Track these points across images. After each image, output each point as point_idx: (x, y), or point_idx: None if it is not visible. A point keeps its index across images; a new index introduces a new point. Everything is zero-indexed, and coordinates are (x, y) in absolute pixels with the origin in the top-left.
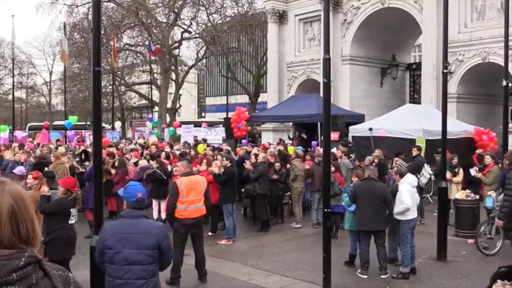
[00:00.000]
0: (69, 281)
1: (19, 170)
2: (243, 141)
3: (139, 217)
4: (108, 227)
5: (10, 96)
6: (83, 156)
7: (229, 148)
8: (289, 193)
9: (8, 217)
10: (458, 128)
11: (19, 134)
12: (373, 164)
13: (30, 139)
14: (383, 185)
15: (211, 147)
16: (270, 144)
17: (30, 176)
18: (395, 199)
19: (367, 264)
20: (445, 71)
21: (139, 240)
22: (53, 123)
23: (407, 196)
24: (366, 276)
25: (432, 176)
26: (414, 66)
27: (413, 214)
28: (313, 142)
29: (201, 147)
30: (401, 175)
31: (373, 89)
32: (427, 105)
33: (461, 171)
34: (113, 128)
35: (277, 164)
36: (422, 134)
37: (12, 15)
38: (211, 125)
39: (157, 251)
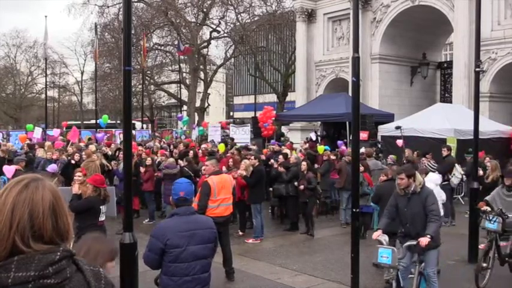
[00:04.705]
0: (100, 276)
1: (51, 167)
2: (272, 141)
3: (193, 213)
4: (167, 226)
5: (43, 96)
6: (117, 153)
7: (254, 147)
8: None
9: (49, 212)
10: (491, 127)
11: (56, 132)
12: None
13: (62, 137)
14: None
15: (238, 148)
16: (292, 144)
17: (79, 173)
18: None
19: None
20: (477, 69)
21: (204, 235)
22: (84, 122)
23: None
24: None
25: (464, 177)
26: (445, 65)
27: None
28: (339, 141)
29: (221, 147)
30: (425, 174)
31: (403, 88)
32: (459, 105)
33: None
34: (142, 128)
35: (304, 166)
36: (453, 134)
37: (45, 16)
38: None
39: (214, 244)
